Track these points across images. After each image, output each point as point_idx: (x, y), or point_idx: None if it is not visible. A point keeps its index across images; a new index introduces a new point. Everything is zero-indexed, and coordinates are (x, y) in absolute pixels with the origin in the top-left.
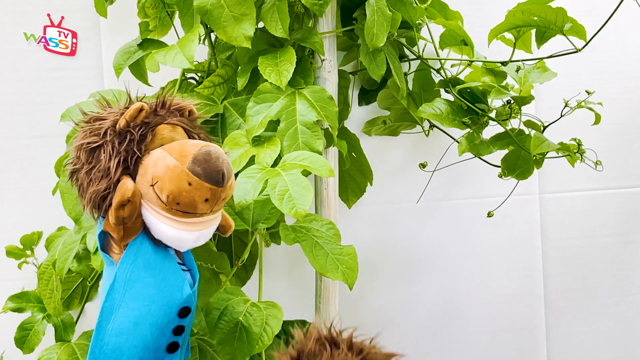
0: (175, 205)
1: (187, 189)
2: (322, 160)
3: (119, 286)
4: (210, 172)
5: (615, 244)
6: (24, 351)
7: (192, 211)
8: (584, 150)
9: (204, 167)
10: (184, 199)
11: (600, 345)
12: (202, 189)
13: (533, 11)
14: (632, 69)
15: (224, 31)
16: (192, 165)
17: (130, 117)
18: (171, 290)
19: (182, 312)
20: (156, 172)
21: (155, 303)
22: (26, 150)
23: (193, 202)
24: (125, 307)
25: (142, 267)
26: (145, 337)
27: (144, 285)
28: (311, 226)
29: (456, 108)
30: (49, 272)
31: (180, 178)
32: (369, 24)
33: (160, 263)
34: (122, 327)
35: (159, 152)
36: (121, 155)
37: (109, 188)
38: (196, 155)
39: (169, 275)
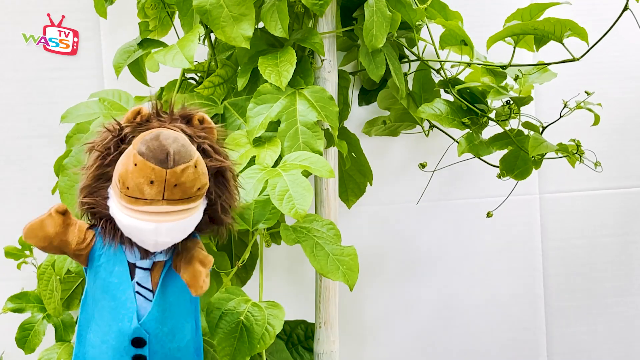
0: (125, 190)
1: (132, 170)
2: (322, 161)
3: (89, 301)
4: (153, 151)
5: (615, 244)
6: (25, 351)
7: (140, 195)
8: (583, 151)
9: (148, 146)
10: (130, 182)
11: (600, 345)
12: (145, 169)
13: (531, 24)
14: (632, 69)
15: (222, 31)
16: (140, 145)
17: (127, 119)
18: (121, 318)
19: (135, 342)
20: (120, 159)
21: (111, 327)
22: (26, 150)
23: (139, 184)
24: (95, 322)
25: (99, 290)
26: (110, 357)
27: (103, 308)
28: (312, 226)
29: (456, 108)
30: (48, 272)
31: (128, 159)
32: (368, 25)
33: (115, 289)
34: (94, 342)
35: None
36: (100, 148)
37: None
38: (146, 136)
39: (121, 303)
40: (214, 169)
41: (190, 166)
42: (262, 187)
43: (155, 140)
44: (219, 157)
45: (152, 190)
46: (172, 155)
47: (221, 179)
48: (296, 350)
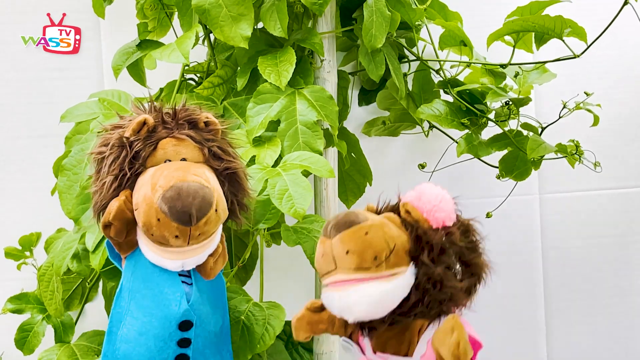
0: (150, 236)
1: (156, 224)
2: (322, 161)
3: (124, 294)
4: (176, 213)
5: (615, 244)
6: (24, 352)
7: (166, 244)
8: (583, 152)
9: (170, 207)
10: (155, 232)
11: (600, 345)
12: (170, 227)
13: (531, 20)
14: (632, 69)
15: (221, 31)
16: (160, 202)
17: (133, 132)
18: (168, 303)
19: (183, 325)
20: (137, 198)
21: (154, 316)
22: (26, 150)
23: (164, 237)
24: (131, 315)
25: (140, 279)
26: (150, 348)
27: (144, 297)
28: (312, 227)
29: (455, 109)
30: (49, 274)
31: (150, 212)
32: (367, 25)
33: (158, 276)
34: (129, 336)
35: (149, 174)
36: (115, 171)
37: (105, 203)
38: (165, 193)
39: (166, 289)
40: (226, 170)
41: (211, 214)
42: (262, 186)
43: (175, 200)
44: (229, 158)
45: (177, 242)
46: (194, 215)
47: (235, 177)
48: (296, 351)
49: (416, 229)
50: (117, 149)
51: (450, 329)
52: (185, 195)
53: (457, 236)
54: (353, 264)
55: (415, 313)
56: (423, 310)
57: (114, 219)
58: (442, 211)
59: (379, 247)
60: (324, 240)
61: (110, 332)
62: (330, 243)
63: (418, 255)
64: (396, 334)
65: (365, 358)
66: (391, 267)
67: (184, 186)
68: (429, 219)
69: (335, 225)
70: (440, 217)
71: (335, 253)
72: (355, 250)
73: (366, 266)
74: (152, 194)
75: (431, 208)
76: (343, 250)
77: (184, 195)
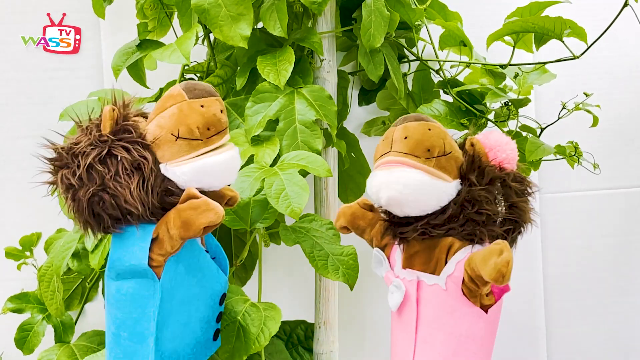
0: (208, 132)
1: (205, 111)
2: (320, 160)
3: (166, 297)
4: (205, 89)
5: (615, 244)
6: (24, 352)
7: (221, 128)
8: (582, 153)
9: (199, 88)
10: (209, 120)
11: (600, 345)
12: (213, 103)
13: (531, 21)
14: (632, 68)
15: (220, 30)
16: (190, 93)
17: (111, 118)
18: (211, 283)
19: (222, 298)
20: (170, 126)
21: (200, 300)
22: (26, 150)
23: (215, 117)
24: (175, 312)
25: (184, 272)
26: (196, 333)
27: (188, 287)
28: (311, 226)
29: (454, 109)
30: (49, 274)
31: (193, 108)
32: (366, 25)
33: (197, 261)
34: (175, 332)
35: (152, 123)
36: (138, 143)
37: (147, 177)
38: (186, 87)
39: (206, 270)
40: None
41: None
42: (259, 185)
43: (196, 84)
44: None
45: (224, 116)
46: (211, 86)
47: None
48: (296, 351)
49: (474, 156)
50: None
51: (499, 251)
52: (195, 82)
53: (511, 177)
54: (406, 148)
55: (448, 228)
56: (456, 227)
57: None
58: (503, 152)
59: (436, 143)
60: (391, 129)
61: (158, 339)
62: (393, 129)
63: (468, 175)
64: (425, 249)
65: (392, 273)
66: (440, 167)
67: (188, 81)
68: (490, 154)
69: (405, 117)
70: (500, 156)
71: (395, 137)
72: (413, 137)
73: (417, 154)
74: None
75: (494, 146)
76: (403, 135)
77: (195, 82)
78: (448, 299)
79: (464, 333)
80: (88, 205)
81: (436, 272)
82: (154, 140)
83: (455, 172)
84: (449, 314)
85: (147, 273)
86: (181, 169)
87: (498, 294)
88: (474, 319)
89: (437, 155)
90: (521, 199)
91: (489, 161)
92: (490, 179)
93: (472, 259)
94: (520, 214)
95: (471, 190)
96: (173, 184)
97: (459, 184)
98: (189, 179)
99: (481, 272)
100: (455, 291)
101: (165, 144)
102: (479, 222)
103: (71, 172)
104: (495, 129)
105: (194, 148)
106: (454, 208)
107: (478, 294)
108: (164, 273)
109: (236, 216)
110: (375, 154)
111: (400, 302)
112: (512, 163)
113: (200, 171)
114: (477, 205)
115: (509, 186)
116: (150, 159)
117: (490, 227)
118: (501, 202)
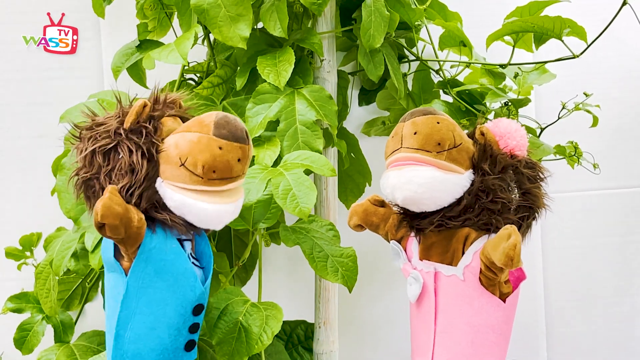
0: (212, 175)
1: (219, 154)
2: (323, 160)
3: (132, 295)
4: (235, 132)
5: (615, 244)
6: (23, 352)
7: (228, 175)
8: (581, 153)
9: (229, 129)
10: (219, 164)
11: (600, 345)
12: (233, 150)
13: (530, 21)
14: (632, 68)
15: (219, 31)
16: (217, 130)
17: (136, 114)
18: (184, 290)
19: (196, 309)
20: (182, 151)
21: (169, 305)
22: (26, 150)
23: (228, 164)
24: (140, 313)
25: (153, 274)
26: (163, 340)
27: (157, 290)
28: (311, 227)
29: (454, 109)
30: (46, 271)
31: (210, 146)
32: (366, 25)
33: (171, 265)
34: (140, 334)
35: (173, 137)
36: (142, 147)
37: (135, 183)
38: (217, 121)
39: (180, 276)
40: None
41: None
42: (264, 186)
43: (230, 123)
44: None
45: (239, 166)
46: (248, 133)
47: None
48: (296, 351)
49: (485, 145)
50: (129, 132)
51: (507, 235)
52: (233, 119)
53: (522, 164)
54: (416, 144)
55: (464, 219)
56: (472, 218)
57: (104, 219)
58: (513, 139)
59: (446, 136)
60: (399, 124)
61: (118, 336)
62: (402, 125)
63: (480, 164)
64: (441, 240)
65: (410, 265)
66: (451, 160)
67: (227, 114)
68: (500, 142)
69: (412, 112)
70: (511, 143)
71: (404, 132)
72: (422, 132)
73: (428, 149)
74: (201, 133)
75: (504, 134)
76: (412, 130)
77: (232, 119)
78: (466, 289)
79: (482, 323)
80: (82, 185)
81: (453, 263)
82: (161, 150)
83: (468, 163)
84: (467, 304)
85: (116, 267)
86: (172, 194)
87: (515, 282)
88: (492, 308)
89: (447, 148)
90: (534, 185)
91: (500, 149)
92: (502, 167)
93: (485, 247)
94: (534, 200)
95: (485, 180)
96: (163, 201)
97: (471, 174)
98: (175, 206)
99: (493, 258)
100: (473, 281)
101: (170, 164)
102: (495, 211)
103: (81, 148)
104: (504, 118)
105: (193, 182)
106: (468, 199)
107: (496, 282)
108: (131, 271)
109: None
110: (386, 151)
111: (419, 294)
112: (522, 150)
113: (187, 208)
114: (491, 194)
115: (521, 173)
116: (145, 169)
117: (505, 215)
118: (514, 189)
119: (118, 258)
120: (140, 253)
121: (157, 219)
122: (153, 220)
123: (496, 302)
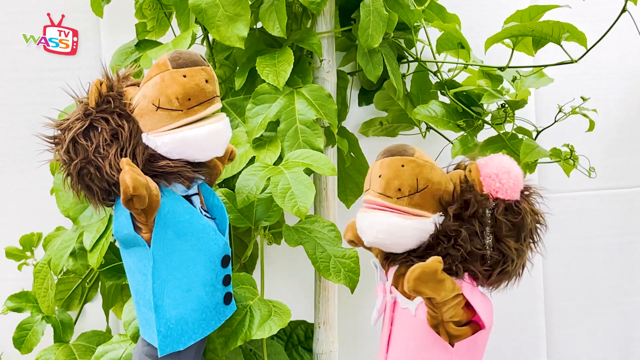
0: (189, 103)
1: (186, 81)
2: (324, 159)
3: (160, 264)
4: (191, 57)
5: (615, 244)
6: (22, 351)
7: (204, 98)
8: (577, 157)
9: (184, 58)
10: (189, 90)
11: (600, 345)
12: (197, 73)
13: (529, 25)
14: (632, 69)
15: (217, 31)
16: (174, 63)
17: (97, 91)
18: (207, 245)
19: (224, 261)
20: (152, 96)
21: (198, 264)
22: (26, 150)
23: (198, 87)
24: (173, 279)
25: (174, 237)
26: (202, 298)
27: (182, 253)
28: (313, 227)
29: (451, 111)
30: (44, 270)
31: (174, 79)
32: (364, 25)
33: (188, 225)
34: (178, 298)
35: (139, 92)
36: (116, 111)
37: (124, 144)
38: (171, 56)
39: (200, 233)
40: None
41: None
42: (264, 184)
43: (182, 53)
44: None
45: (210, 86)
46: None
47: None
48: (296, 351)
49: (465, 186)
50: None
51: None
52: (185, 50)
53: (500, 210)
54: (379, 188)
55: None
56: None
57: (136, 190)
58: (498, 182)
59: (406, 182)
60: (375, 162)
61: (157, 307)
62: (376, 163)
63: (447, 207)
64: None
65: (382, 286)
66: (413, 206)
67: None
68: (483, 183)
69: (385, 150)
70: (493, 186)
71: (372, 174)
72: (385, 176)
73: (389, 194)
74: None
75: (489, 174)
76: (378, 173)
77: (183, 50)
78: (416, 324)
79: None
80: (79, 178)
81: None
82: (133, 109)
83: (435, 206)
84: (415, 341)
85: (138, 241)
86: (161, 139)
87: (474, 328)
88: (438, 350)
89: (408, 194)
90: (506, 235)
91: (482, 190)
92: (473, 212)
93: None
94: (505, 250)
95: (446, 223)
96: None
97: (439, 217)
98: (169, 150)
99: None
100: (423, 320)
101: (147, 114)
102: (457, 258)
103: (61, 147)
104: (503, 155)
105: (174, 119)
106: (430, 241)
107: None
108: (153, 240)
109: (240, 214)
110: (364, 186)
111: (376, 319)
112: (507, 193)
113: (180, 143)
114: (452, 239)
115: (496, 218)
116: (127, 127)
117: (468, 264)
118: (488, 236)
119: (136, 231)
120: (157, 221)
121: (158, 171)
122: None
123: (442, 345)
